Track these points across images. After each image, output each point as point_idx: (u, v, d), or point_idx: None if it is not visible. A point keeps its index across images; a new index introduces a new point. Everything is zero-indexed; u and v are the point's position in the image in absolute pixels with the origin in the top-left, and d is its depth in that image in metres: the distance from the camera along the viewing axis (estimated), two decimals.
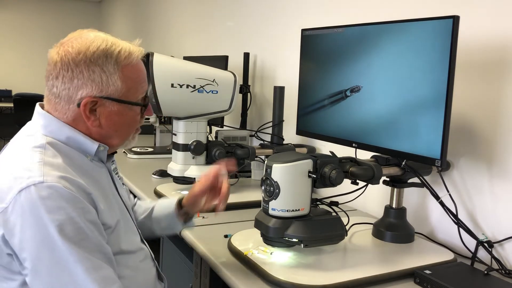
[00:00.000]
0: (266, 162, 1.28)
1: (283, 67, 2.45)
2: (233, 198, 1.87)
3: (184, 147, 1.87)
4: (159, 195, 1.88)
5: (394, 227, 1.48)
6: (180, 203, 1.35)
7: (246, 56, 2.60)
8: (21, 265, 0.94)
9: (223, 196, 1.24)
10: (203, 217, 1.67)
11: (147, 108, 1.14)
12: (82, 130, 1.07)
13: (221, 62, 2.52)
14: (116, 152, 1.22)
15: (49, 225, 0.90)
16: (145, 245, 1.23)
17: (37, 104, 1.11)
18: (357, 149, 1.52)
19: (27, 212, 0.91)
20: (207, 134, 1.95)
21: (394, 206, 1.50)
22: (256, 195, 1.89)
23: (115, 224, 1.07)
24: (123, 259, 1.09)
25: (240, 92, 2.31)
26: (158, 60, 1.75)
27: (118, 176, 1.27)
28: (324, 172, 1.27)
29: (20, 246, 0.92)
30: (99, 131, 1.07)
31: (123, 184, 1.30)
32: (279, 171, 1.23)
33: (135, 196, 1.58)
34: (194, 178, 1.86)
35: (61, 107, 1.05)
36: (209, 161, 1.91)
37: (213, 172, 1.27)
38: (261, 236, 1.32)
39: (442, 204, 1.43)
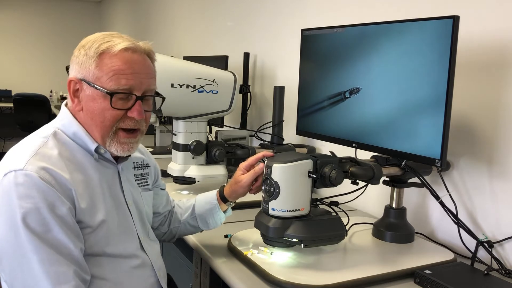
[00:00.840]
0: (266, 162, 1.28)
1: (283, 67, 2.45)
2: None
3: (184, 147, 1.87)
4: None
5: (394, 227, 1.48)
6: (220, 195, 1.37)
7: (246, 56, 2.61)
8: None
9: (259, 185, 1.32)
10: None
11: (133, 107, 1.09)
12: (79, 117, 1.11)
13: (221, 62, 2.52)
14: (126, 158, 1.20)
15: (16, 211, 0.95)
16: (145, 253, 1.19)
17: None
18: (357, 149, 1.52)
19: (1, 195, 0.97)
20: (207, 134, 1.95)
21: (394, 206, 1.50)
22: (256, 195, 1.89)
23: (97, 224, 1.06)
24: (109, 262, 1.09)
25: (240, 92, 2.30)
26: (158, 60, 1.73)
27: (141, 183, 1.27)
28: (324, 172, 1.27)
29: None
30: (83, 117, 1.10)
31: (148, 189, 1.30)
32: (279, 171, 1.23)
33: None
34: (194, 178, 1.87)
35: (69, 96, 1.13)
36: (209, 161, 1.91)
37: (260, 167, 1.31)
38: (261, 236, 1.32)
39: (442, 204, 1.43)
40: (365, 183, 1.42)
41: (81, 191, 1.04)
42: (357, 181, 1.39)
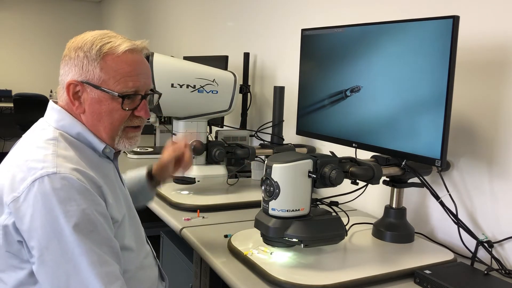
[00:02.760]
0: (266, 162, 1.28)
1: (283, 67, 2.45)
2: (233, 198, 1.88)
3: None
4: (159, 195, 1.88)
5: (394, 227, 1.48)
6: (148, 174, 1.42)
7: (246, 56, 2.60)
8: (29, 253, 0.95)
9: (186, 164, 1.39)
10: (203, 217, 1.67)
11: (139, 107, 1.11)
12: (74, 114, 1.11)
13: (221, 62, 2.52)
14: (119, 153, 1.23)
15: (60, 216, 0.92)
16: (148, 243, 1.24)
17: (50, 101, 1.15)
18: (357, 149, 1.52)
19: (40, 202, 0.93)
20: (207, 134, 1.95)
21: (394, 206, 1.50)
22: (256, 195, 1.89)
23: (121, 218, 1.08)
24: (127, 254, 1.10)
25: (240, 92, 2.31)
26: (158, 60, 1.75)
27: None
28: (324, 172, 1.27)
29: (29, 234, 0.93)
30: (86, 119, 1.10)
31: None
32: (279, 171, 1.23)
33: None
34: (194, 178, 1.87)
35: (61, 94, 1.11)
36: (209, 161, 1.91)
37: (180, 144, 1.40)
38: (261, 236, 1.32)
39: (442, 204, 1.43)
40: (365, 183, 1.42)
41: (106, 187, 1.05)
42: (357, 181, 1.39)
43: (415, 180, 1.46)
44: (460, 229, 1.42)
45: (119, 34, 1.12)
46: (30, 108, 6.30)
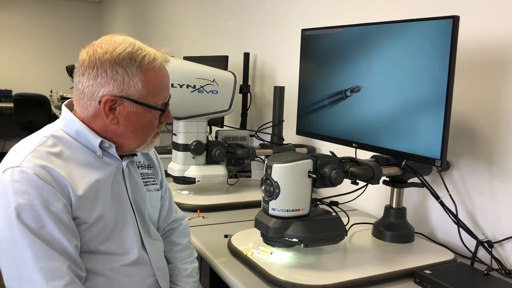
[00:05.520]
0: (266, 162, 1.28)
1: (283, 67, 2.45)
2: (233, 198, 1.88)
3: (184, 147, 1.87)
4: None
5: (394, 227, 1.48)
6: None
7: (246, 56, 2.61)
8: None
9: None
10: (203, 217, 1.67)
11: (165, 113, 1.16)
12: (99, 125, 1.12)
13: (221, 62, 2.52)
14: (136, 155, 1.24)
15: (12, 206, 0.97)
16: (145, 252, 1.18)
17: (63, 104, 1.19)
18: (357, 149, 1.52)
19: (0, 191, 1.00)
20: (207, 134, 1.95)
21: (394, 206, 1.50)
22: (256, 195, 1.89)
23: (94, 220, 1.07)
24: (105, 258, 1.09)
25: (240, 92, 2.31)
26: None
27: (147, 182, 1.27)
28: (324, 172, 1.27)
29: None
30: (116, 129, 1.12)
31: (156, 188, 1.30)
32: (279, 171, 1.23)
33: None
34: (194, 178, 1.87)
35: (84, 102, 1.11)
36: (209, 161, 1.91)
37: None
38: (261, 236, 1.32)
39: (442, 204, 1.43)
40: (365, 183, 1.42)
41: (79, 187, 1.05)
42: (357, 181, 1.39)
43: (415, 180, 1.46)
44: (460, 229, 1.42)
45: (138, 41, 1.14)
46: (30, 108, 6.30)
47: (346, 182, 1.36)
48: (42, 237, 0.98)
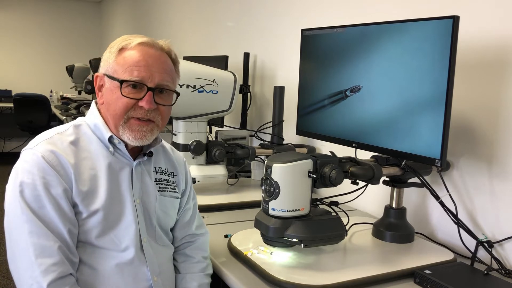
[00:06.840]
0: (266, 162, 1.28)
1: (283, 67, 2.45)
2: (233, 198, 1.88)
3: (184, 147, 1.87)
4: None
5: (394, 227, 1.48)
6: None
7: (246, 56, 2.61)
8: None
9: None
10: (203, 217, 1.67)
11: (144, 98, 1.12)
12: (103, 111, 1.18)
13: (221, 62, 2.52)
14: (151, 155, 1.23)
15: (17, 183, 1.05)
16: (143, 254, 1.16)
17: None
18: (357, 149, 1.52)
19: (14, 169, 1.10)
20: (207, 134, 1.95)
21: (394, 206, 1.50)
22: (256, 195, 1.89)
23: (91, 213, 1.09)
24: (100, 252, 1.10)
25: (240, 92, 2.31)
26: None
27: (164, 188, 1.25)
28: (324, 172, 1.27)
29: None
30: (103, 110, 1.18)
31: (175, 195, 1.27)
32: (279, 171, 1.23)
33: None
34: (194, 178, 1.87)
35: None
36: (209, 161, 1.91)
37: None
38: (261, 236, 1.32)
39: (442, 204, 1.43)
40: (365, 183, 1.42)
41: (83, 177, 1.10)
42: (357, 181, 1.39)
43: (415, 180, 1.46)
44: (460, 229, 1.42)
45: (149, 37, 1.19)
46: (30, 108, 6.29)
47: (346, 182, 1.36)
48: (39, 215, 1.03)
